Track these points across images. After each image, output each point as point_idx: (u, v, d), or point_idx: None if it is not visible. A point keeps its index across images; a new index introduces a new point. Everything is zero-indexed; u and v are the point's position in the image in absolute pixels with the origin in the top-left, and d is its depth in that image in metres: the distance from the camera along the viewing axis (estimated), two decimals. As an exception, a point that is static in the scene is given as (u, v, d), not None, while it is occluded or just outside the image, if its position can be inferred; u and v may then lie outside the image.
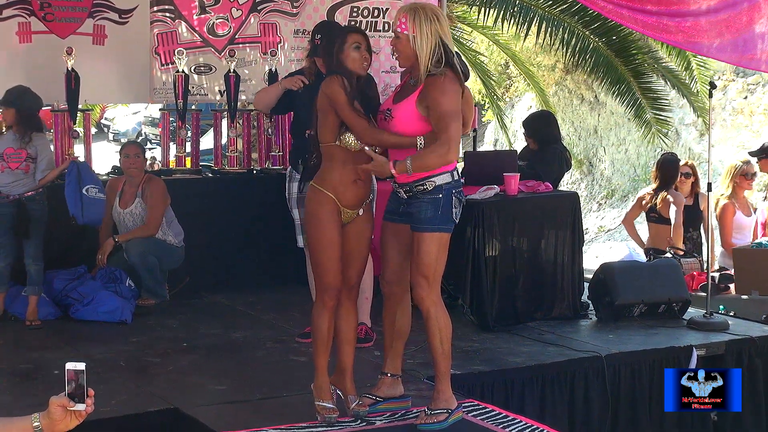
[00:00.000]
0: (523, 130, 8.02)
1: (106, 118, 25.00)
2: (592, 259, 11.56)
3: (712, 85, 6.88)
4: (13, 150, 6.33)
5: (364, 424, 4.44)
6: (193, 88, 7.81)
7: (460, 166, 6.94)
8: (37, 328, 6.26)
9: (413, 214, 4.36)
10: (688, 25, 6.72)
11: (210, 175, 7.90)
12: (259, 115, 7.91)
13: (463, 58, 7.98)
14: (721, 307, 6.96)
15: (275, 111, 6.48)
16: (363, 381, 4.80)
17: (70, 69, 7.09)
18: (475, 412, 4.63)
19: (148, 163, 8.38)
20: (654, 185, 8.50)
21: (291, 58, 8.11)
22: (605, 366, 5.70)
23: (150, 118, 22.04)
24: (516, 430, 4.43)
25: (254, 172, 7.92)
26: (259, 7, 8.05)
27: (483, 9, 11.27)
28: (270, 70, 7.73)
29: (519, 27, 11.04)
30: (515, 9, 10.83)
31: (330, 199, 4.37)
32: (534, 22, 10.85)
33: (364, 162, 4.36)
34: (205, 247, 7.40)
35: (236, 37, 7.98)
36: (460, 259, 6.22)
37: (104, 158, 12.35)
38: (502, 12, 10.87)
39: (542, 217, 6.62)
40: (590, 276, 6.93)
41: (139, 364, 5.59)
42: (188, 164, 7.98)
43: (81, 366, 2.48)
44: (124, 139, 20.46)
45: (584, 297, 6.84)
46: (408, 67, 4.42)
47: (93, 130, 8.25)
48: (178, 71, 7.50)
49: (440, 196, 4.33)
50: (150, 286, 6.85)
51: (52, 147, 6.88)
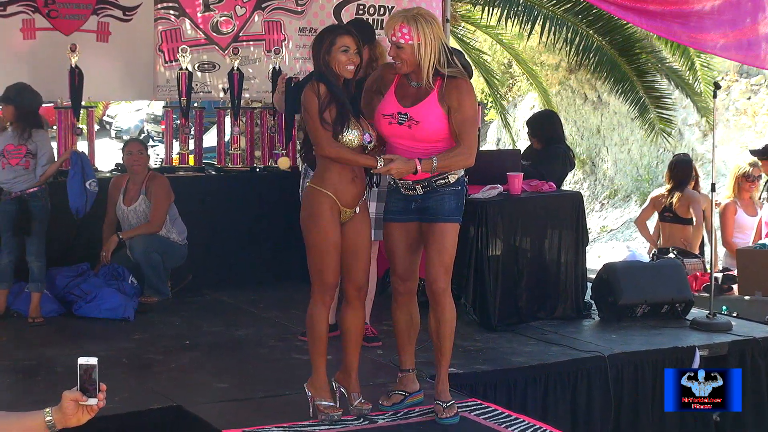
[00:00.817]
0: (526, 130, 8.01)
1: (108, 115, 25.00)
2: (595, 259, 11.55)
3: (717, 86, 6.86)
4: (13, 146, 6.33)
5: (367, 422, 4.44)
6: (197, 85, 7.83)
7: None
8: (40, 325, 6.26)
9: (432, 207, 4.38)
10: (693, 25, 6.71)
11: (213, 172, 7.90)
12: (263, 113, 7.92)
13: (466, 56, 7.95)
14: (724, 307, 6.95)
15: (291, 110, 6.47)
16: (366, 379, 4.79)
17: (73, 66, 7.11)
18: (477, 412, 4.62)
19: None
20: (668, 186, 8.51)
21: (296, 56, 8.11)
22: (608, 366, 5.69)
23: (153, 116, 22.01)
24: (518, 429, 4.42)
25: (257, 169, 7.91)
26: (263, 5, 8.05)
27: (486, 8, 11.26)
28: (274, 68, 7.73)
29: (522, 26, 11.02)
30: (519, 8, 10.82)
31: (330, 199, 4.36)
32: (537, 21, 10.84)
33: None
34: (207, 245, 7.40)
35: (240, 34, 7.99)
36: (463, 259, 6.21)
37: (107, 155, 12.35)
38: (506, 11, 10.86)
39: (545, 217, 6.61)
40: (593, 276, 6.93)
41: (142, 362, 5.59)
42: (191, 162, 7.99)
43: (93, 361, 2.55)
44: (126, 136, 20.45)
45: (587, 297, 6.83)
46: (406, 72, 4.40)
47: (96, 127, 8.23)
48: (181, 69, 7.52)
49: (460, 188, 4.43)
50: (153, 284, 6.85)
51: (53, 144, 6.88)
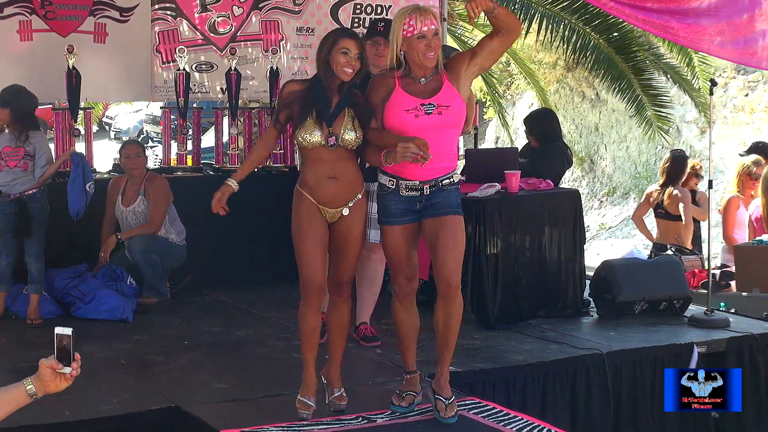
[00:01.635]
0: (524, 128, 8.02)
1: (107, 116, 24.97)
2: (594, 257, 11.54)
3: (713, 83, 6.87)
4: (11, 149, 6.33)
5: (366, 421, 4.45)
6: (195, 86, 7.82)
7: (461, 163, 6.95)
8: (39, 326, 6.25)
9: (439, 203, 4.40)
10: (690, 23, 6.71)
11: (211, 173, 7.90)
12: (260, 113, 7.92)
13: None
14: (722, 304, 6.96)
15: None
16: (366, 378, 4.79)
17: (71, 67, 7.10)
18: (476, 410, 4.62)
19: None
20: (660, 181, 8.52)
21: (293, 56, 8.11)
22: (606, 363, 5.69)
23: (151, 116, 22.00)
24: (517, 427, 4.42)
25: (256, 169, 7.89)
26: (260, 5, 8.05)
27: (484, 7, 11.24)
28: (271, 68, 7.73)
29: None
30: (516, 6, 10.80)
31: (305, 198, 4.42)
32: (534, 20, 10.84)
33: (340, 160, 4.38)
34: (206, 245, 7.40)
35: (237, 35, 7.99)
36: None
37: (106, 156, 12.33)
38: (503, 10, 10.84)
39: (543, 215, 6.61)
40: (591, 273, 6.93)
41: (141, 362, 5.59)
42: (189, 162, 7.98)
43: (68, 331, 2.65)
44: (125, 137, 20.43)
45: (586, 294, 6.84)
46: (434, 64, 4.38)
47: (94, 128, 8.24)
48: (179, 69, 7.51)
49: (458, 185, 4.52)
50: (152, 284, 6.85)
51: (51, 145, 6.88)
